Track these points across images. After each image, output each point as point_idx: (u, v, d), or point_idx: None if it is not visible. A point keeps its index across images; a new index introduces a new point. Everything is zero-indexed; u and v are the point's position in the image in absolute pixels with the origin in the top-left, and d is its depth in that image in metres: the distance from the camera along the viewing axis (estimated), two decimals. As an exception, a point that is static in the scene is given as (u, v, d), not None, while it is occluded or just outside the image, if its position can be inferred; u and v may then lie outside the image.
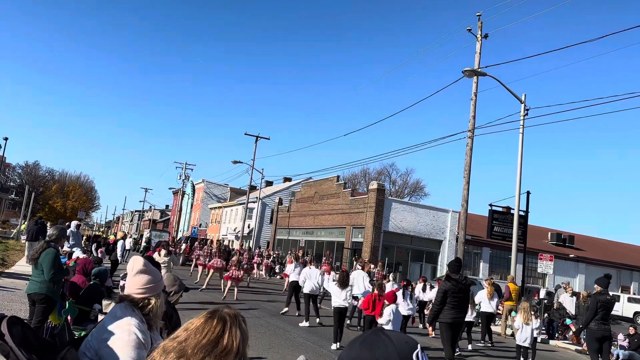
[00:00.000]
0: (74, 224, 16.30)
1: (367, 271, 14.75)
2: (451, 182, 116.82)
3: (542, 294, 23.89)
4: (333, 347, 10.08)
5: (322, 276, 13.74)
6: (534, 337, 11.28)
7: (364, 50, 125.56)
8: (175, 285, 4.63)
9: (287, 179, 56.22)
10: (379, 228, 30.54)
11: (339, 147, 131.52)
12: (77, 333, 5.58)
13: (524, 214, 21.28)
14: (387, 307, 9.47)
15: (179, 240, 35.37)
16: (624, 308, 28.20)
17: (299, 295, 14.26)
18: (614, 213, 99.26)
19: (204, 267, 19.69)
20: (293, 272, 15.41)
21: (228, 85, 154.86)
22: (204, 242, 24.62)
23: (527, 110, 18.63)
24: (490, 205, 23.67)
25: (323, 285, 13.76)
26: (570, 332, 16.90)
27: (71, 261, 9.65)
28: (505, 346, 14.17)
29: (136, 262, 2.62)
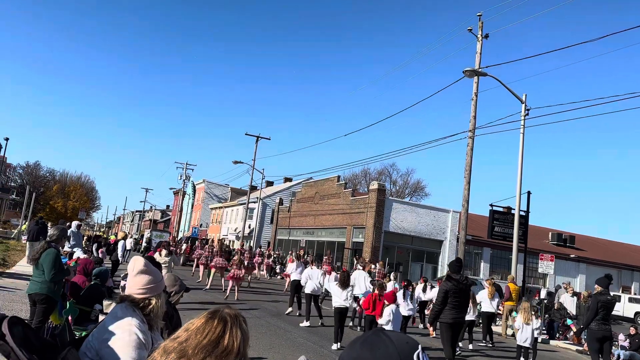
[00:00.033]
0: (74, 224, 16.31)
1: (367, 271, 14.75)
2: (452, 182, 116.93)
3: (543, 294, 23.89)
4: (334, 347, 10.08)
5: (323, 276, 13.75)
6: (535, 338, 11.29)
7: (364, 50, 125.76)
8: (175, 286, 4.64)
9: (287, 179, 56.23)
10: (379, 228, 30.53)
11: (339, 147, 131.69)
12: (77, 333, 5.59)
13: (524, 214, 21.27)
14: (386, 307, 9.47)
15: (179, 240, 35.36)
16: (625, 308, 28.18)
17: (301, 294, 14.28)
18: (614, 213, 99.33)
19: (205, 267, 19.70)
20: (295, 272, 15.40)
21: (228, 85, 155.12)
22: (204, 242, 24.61)
23: (528, 110, 18.64)
24: (491, 205, 23.69)
25: (324, 286, 13.76)
26: (571, 332, 16.89)
27: (72, 261, 9.66)
28: (506, 346, 14.17)
29: (137, 263, 2.62)
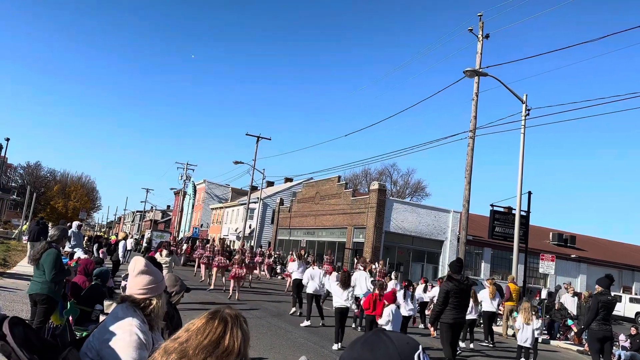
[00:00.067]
0: (75, 224, 16.32)
1: (368, 270, 14.75)
2: (452, 182, 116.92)
3: (544, 294, 23.88)
4: (334, 347, 10.08)
5: (324, 277, 13.74)
6: (535, 338, 11.28)
7: (364, 50, 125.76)
8: (176, 286, 4.64)
9: (288, 179, 56.23)
10: (380, 228, 30.53)
11: (340, 147, 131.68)
12: (78, 333, 5.60)
13: (525, 214, 21.26)
14: (386, 307, 9.47)
15: (180, 240, 35.34)
16: (626, 308, 28.14)
17: (302, 293, 14.28)
18: (615, 213, 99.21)
19: (206, 267, 19.70)
20: (297, 271, 15.39)
21: (228, 85, 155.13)
22: (205, 241, 24.59)
23: (529, 110, 18.62)
24: (492, 205, 23.69)
25: (325, 286, 13.75)
26: (571, 332, 16.88)
27: (72, 262, 9.67)
28: (507, 346, 14.16)
29: (138, 263, 2.62)
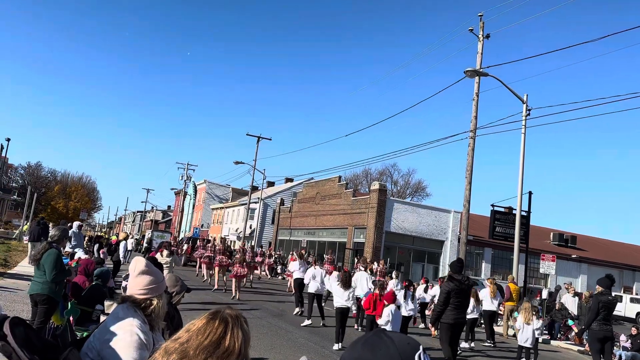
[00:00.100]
0: (76, 224, 16.31)
1: (369, 270, 14.75)
2: (453, 182, 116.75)
3: (544, 294, 23.86)
4: (335, 347, 10.07)
5: (325, 276, 13.74)
6: (536, 338, 11.27)
7: (364, 50, 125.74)
8: (177, 286, 4.64)
9: (288, 180, 56.22)
10: (380, 228, 30.52)
11: (340, 147, 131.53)
12: (79, 334, 5.60)
13: (526, 214, 21.25)
14: (386, 307, 9.46)
15: (180, 240, 35.34)
16: (627, 309, 28.12)
17: (303, 293, 14.29)
18: (616, 213, 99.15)
19: (208, 267, 19.70)
20: (298, 270, 15.39)
21: (228, 85, 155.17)
22: (206, 241, 24.57)
23: (529, 110, 18.62)
24: (492, 205, 23.67)
25: (326, 286, 13.76)
26: (572, 332, 16.87)
27: (73, 262, 9.68)
28: (508, 347, 14.16)
29: (138, 263, 2.62)
